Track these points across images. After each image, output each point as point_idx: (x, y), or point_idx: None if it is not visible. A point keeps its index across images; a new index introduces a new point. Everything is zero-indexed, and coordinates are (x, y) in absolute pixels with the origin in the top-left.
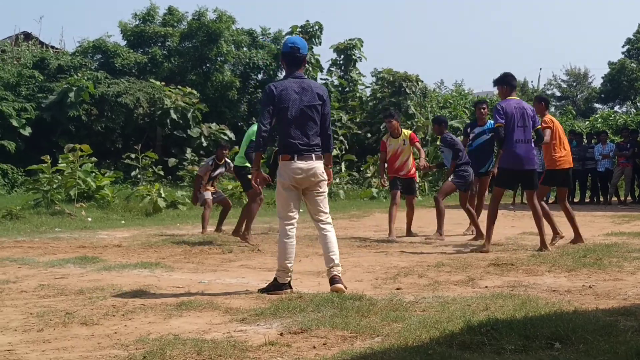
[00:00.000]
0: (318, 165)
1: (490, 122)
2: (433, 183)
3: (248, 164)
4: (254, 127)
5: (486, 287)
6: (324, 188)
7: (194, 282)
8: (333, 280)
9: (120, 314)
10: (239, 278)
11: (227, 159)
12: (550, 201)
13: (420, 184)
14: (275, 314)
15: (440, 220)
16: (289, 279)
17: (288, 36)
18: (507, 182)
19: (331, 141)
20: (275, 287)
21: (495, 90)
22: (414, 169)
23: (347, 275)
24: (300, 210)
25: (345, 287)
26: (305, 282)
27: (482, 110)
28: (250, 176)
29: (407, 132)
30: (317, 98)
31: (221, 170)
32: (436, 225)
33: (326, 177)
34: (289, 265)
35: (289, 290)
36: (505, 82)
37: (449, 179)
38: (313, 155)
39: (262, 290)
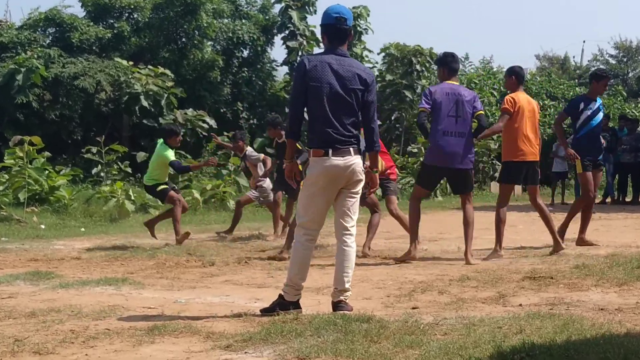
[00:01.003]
0: (357, 162)
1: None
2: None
3: (160, 182)
4: (163, 150)
5: (520, 305)
6: (359, 189)
7: (169, 302)
8: (338, 306)
9: (80, 341)
10: (223, 296)
11: (248, 150)
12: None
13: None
14: (266, 340)
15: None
16: (298, 297)
17: (331, 4)
18: (430, 181)
19: (376, 136)
20: (282, 306)
21: (531, 68)
22: (389, 168)
23: (354, 291)
24: None
25: (351, 308)
26: (303, 300)
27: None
28: (162, 187)
29: None
30: (358, 81)
31: (243, 163)
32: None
33: (364, 177)
34: (301, 282)
35: (297, 310)
36: (444, 63)
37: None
38: (351, 149)
39: (265, 311)
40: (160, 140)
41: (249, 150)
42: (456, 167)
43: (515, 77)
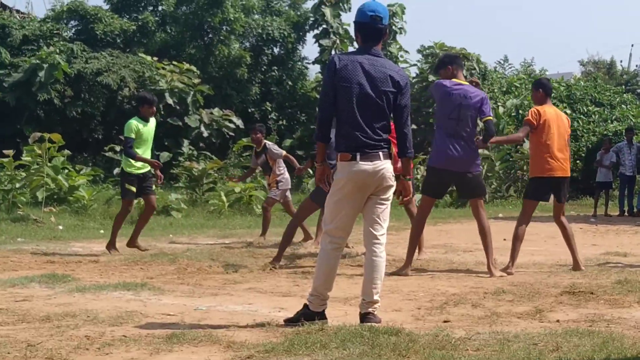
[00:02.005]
0: (387, 167)
1: None
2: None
3: (128, 168)
4: (127, 123)
5: (558, 321)
6: (389, 195)
7: (189, 309)
8: (366, 318)
9: (95, 348)
10: (246, 305)
11: (268, 143)
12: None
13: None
14: (289, 351)
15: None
16: (324, 307)
17: (366, 1)
18: (437, 188)
19: (409, 142)
20: (307, 316)
21: (575, 72)
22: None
23: (383, 302)
24: None
25: (380, 320)
26: (329, 310)
27: None
28: (127, 185)
29: None
30: (390, 83)
31: (262, 158)
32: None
33: (394, 183)
34: (327, 292)
35: (322, 321)
36: (446, 63)
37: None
38: (380, 154)
39: (289, 321)
40: None
41: (269, 144)
42: (458, 170)
43: (542, 89)
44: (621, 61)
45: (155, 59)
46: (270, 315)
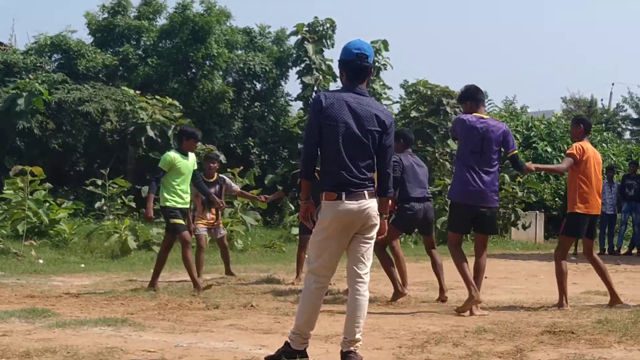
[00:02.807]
0: (372, 205)
1: None
2: None
3: (167, 203)
4: (165, 155)
5: None
6: (373, 234)
7: (170, 346)
8: (347, 356)
9: None
10: (227, 341)
11: (221, 175)
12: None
13: None
14: None
15: (390, 276)
16: (305, 346)
17: (352, 39)
18: (462, 224)
19: (390, 182)
20: (288, 354)
21: (556, 110)
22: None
23: (364, 340)
24: None
25: (361, 359)
26: (310, 348)
27: None
28: (172, 219)
29: None
30: (375, 122)
31: (213, 190)
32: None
33: (379, 221)
34: (309, 331)
35: (303, 359)
36: (468, 97)
37: (390, 222)
38: (365, 193)
39: (270, 358)
40: None
41: (224, 176)
42: (479, 205)
43: (583, 125)
44: (602, 99)
45: (138, 92)
46: (251, 353)
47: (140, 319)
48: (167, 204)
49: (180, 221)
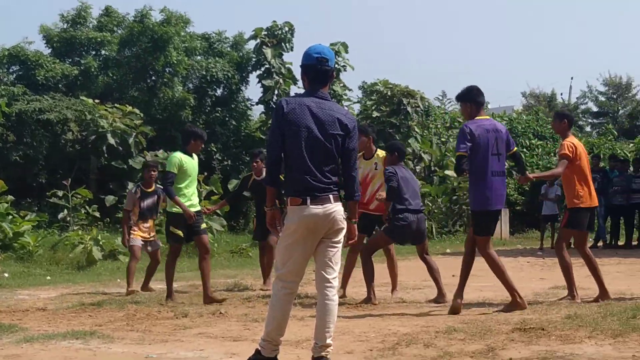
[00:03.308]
0: (338, 209)
1: None
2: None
3: (174, 208)
4: (171, 157)
5: (511, 359)
6: (340, 238)
7: (139, 357)
8: None
9: None
10: (197, 351)
11: (158, 185)
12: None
13: None
14: None
15: (367, 280)
16: (276, 353)
17: (313, 44)
18: (490, 227)
19: (356, 185)
20: None
21: (516, 106)
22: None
23: (334, 344)
24: None
25: None
26: (281, 355)
27: None
28: (172, 228)
29: (382, 153)
30: (338, 126)
31: (151, 200)
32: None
33: (345, 225)
34: (279, 337)
35: None
36: (469, 99)
37: (382, 229)
38: (331, 196)
39: None
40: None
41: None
42: (496, 208)
43: (567, 120)
44: (561, 94)
45: (97, 101)
46: None
47: (109, 330)
48: (170, 209)
49: (180, 233)
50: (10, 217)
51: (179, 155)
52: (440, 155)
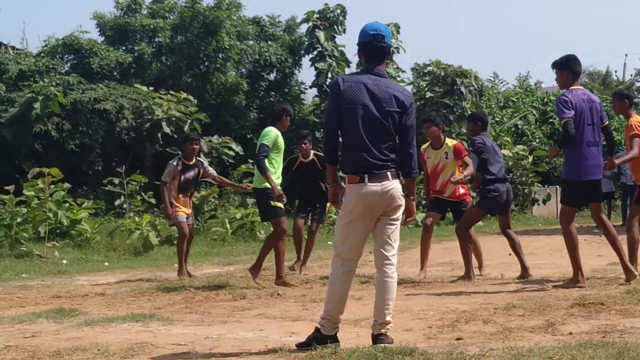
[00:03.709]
0: (396, 187)
1: None
2: None
3: (267, 184)
4: (264, 130)
5: (570, 333)
6: (399, 215)
7: (200, 338)
8: (378, 339)
9: None
10: (256, 331)
11: (199, 158)
12: None
13: None
14: None
15: (465, 259)
16: (336, 330)
17: (368, 22)
18: (579, 199)
19: (414, 162)
20: (319, 340)
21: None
22: (463, 189)
23: (393, 323)
24: None
25: (392, 341)
26: (341, 333)
27: None
28: (273, 202)
29: (451, 142)
30: (395, 103)
31: (192, 173)
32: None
33: (403, 202)
34: (339, 315)
35: (334, 344)
36: (567, 67)
37: (474, 204)
38: (388, 174)
39: (301, 345)
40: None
41: (204, 161)
42: (596, 177)
43: (627, 100)
44: (615, 71)
45: (152, 89)
46: (281, 341)
47: (168, 313)
48: (264, 185)
49: (281, 205)
50: (68, 205)
51: (274, 130)
52: (495, 134)
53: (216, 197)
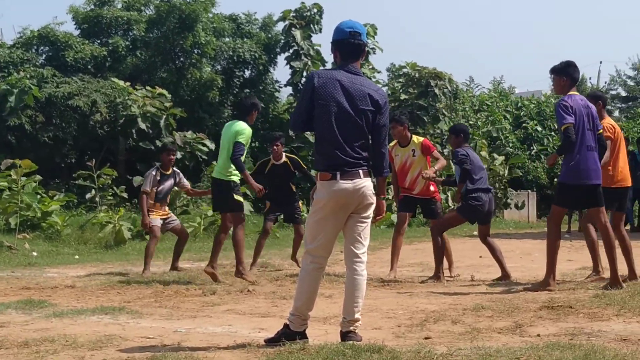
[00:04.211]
0: (367, 185)
1: None
2: None
3: (233, 177)
4: (237, 126)
5: (538, 335)
6: (370, 213)
7: (168, 332)
8: (347, 336)
9: None
10: (225, 326)
11: (175, 168)
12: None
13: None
14: None
15: (437, 259)
16: (305, 327)
17: (344, 20)
18: (576, 202)
19: (385, 162)
20: (287, 336)
21: (545, 90)
22: (432, 186)
23: (362, 321)
24: None
25: (361, 339)
26: (309, 330)
27: None
28: (236, 196)
29: (417, 139)
30: (369, 102)
31: (169, 183)
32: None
33: (374, 200)
34: (308, 312)
35: (303, 340)
36: (566, 73)
37: (455, 208)
38: (360, 172)
39: (270, 341)
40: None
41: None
42: (595, 182)
43: (601, 101)
44: (590, 78)
45: (128, 83)
46: (250, 336)
47: (138, 306)
48: (233, 178)
49: (241, 198)
50: (39, 197)
51: (247, 127)
52: (470, 138)
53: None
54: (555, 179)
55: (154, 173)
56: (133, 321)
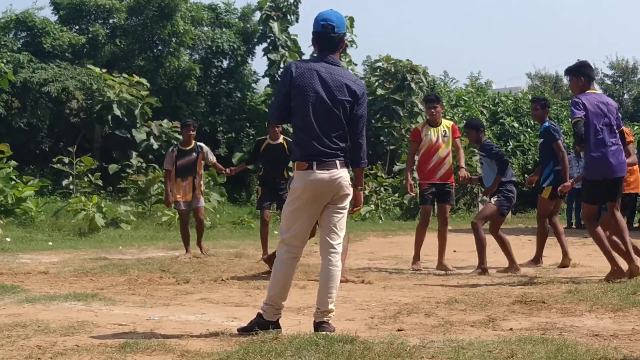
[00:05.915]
0: (344, 175)
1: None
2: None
3: None
4: None
5: (511, 329)
6: (346, 204)
7: (141, 319)
8: (320, 326)
9: (47, 357)
10: (199, 314)
11: (199, 143)
12: None
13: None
14: (244, 359)
15: (480, 252)
16: (278, 317)
17: (321, 11)
18: (600, 195)
19: (363, 152)
20: (261, 325)
21: (522, 86)
22: (452, 174)
23: (336, 312)
24: None
25: (334, 329)
26: (282, 320)
27: None
28: None
29: (448, 122)
30: (346, 92)
31: (188, 158)
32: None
33: (351, 191)
34: (282, 301)
35: (276, 330)
36: (582, 74)
37: (493, 200)
38: (337, 162)
39: (243, 330)
40: None
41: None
42: (618, 175)
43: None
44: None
45: (104, 70)
46: (223, 325)
47: (111, 294)
48: None
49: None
50: (13, 182)
51: None
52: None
53: (162, 181)
54: (527, 175)
55: (171, 150)
56: (106, 308)
